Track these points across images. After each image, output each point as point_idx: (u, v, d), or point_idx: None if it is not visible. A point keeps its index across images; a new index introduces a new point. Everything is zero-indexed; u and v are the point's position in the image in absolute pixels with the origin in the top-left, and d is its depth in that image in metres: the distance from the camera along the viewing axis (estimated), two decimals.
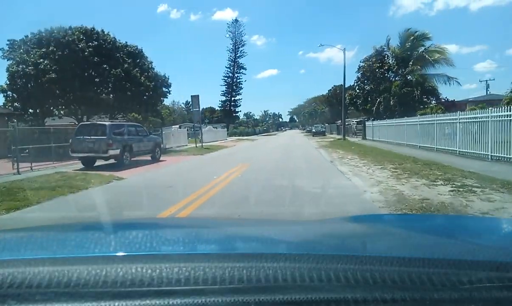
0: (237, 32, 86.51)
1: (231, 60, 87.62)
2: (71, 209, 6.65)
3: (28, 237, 1.42)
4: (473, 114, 13.00)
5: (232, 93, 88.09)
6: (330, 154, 18.10)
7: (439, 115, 16.61)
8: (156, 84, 23.94)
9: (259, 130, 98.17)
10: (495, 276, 0.80)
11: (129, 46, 23.64)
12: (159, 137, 18.52)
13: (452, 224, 1.95)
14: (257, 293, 0.74)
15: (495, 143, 11.09)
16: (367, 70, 32.72)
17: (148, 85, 22.62)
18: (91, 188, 8.76)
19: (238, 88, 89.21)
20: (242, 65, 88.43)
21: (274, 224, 2.25)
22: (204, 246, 1.32)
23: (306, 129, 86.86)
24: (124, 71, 21.47)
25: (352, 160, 14.20)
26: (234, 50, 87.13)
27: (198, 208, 6.15)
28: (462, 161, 11.80)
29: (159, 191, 8.11)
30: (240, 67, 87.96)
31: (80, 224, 2.55)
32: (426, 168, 10.20)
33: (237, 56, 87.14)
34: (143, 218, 4.69)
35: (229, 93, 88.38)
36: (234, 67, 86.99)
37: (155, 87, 23.70)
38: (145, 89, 22.55)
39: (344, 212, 5.21)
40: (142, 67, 23.49)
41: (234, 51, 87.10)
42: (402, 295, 0.74)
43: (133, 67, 22.40)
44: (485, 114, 11.92)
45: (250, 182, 9.30)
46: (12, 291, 0.74)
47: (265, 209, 5.91)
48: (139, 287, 0.75)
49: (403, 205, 5.95)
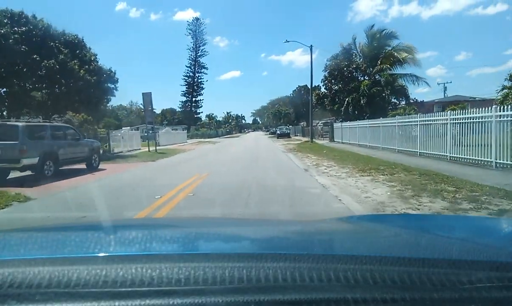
0: (198, 31, 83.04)
1: (192, 59, 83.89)
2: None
3: (28, 237, 1.41)
4: (474, 114, 10.92)
5: (193, 93, 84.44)
6: (301, 159, 16.00)
7: (424, 115, 14.61)
8: (100, 79, 20.38)
9: (222, 132, 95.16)
10: (495, 276, 0.80)
11: (66, 34, 20.09)
12: (96, 141, 15.27)
13: (452, 224, 1.96)
14: (257, 293, 0.74)
15: (503, 148, 9.33)
16: (334, 69, 30.92)
17: (88, 80, 19.06)
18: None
19: (199, 89, 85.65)
20: (204, 65, 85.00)
21: (274, 224, 2.30)
22: (204, 246, 1.32)
23: (270, 131, 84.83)
24: (59, 63, 17.89)
25: (330, 167, 12.12)
26: (195, 49, 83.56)
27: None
28: (462, 169, 9.94)
29: (67, 223, 5.36)
30: (201, 67, 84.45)
31: (80, 224, 2.60)
32: (430, 181, 8.13)
33: (198, 55, 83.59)
34: (143, 218, 4.88)
35: (190, 94, 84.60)
36: (195, 66, 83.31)
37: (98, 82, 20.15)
38: (85, 85, 18.97)
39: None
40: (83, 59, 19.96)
41: (195, 50, 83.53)
42: (402, 295, 0.75)
43: (71, 59, 18.84)
44: (488, 113, 9.88)
45: (205, 204, 6.88)
46: (12, 291, 0.75)
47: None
48: (139, 287, 0.75)
49: None
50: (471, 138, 10.84)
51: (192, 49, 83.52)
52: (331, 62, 31.82)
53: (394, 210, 5.78)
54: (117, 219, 4.16)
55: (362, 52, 30.73)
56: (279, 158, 17.59)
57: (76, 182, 10.70)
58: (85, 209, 6.50)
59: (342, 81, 30.97)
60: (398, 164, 11.67)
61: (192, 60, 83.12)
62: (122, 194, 8.45)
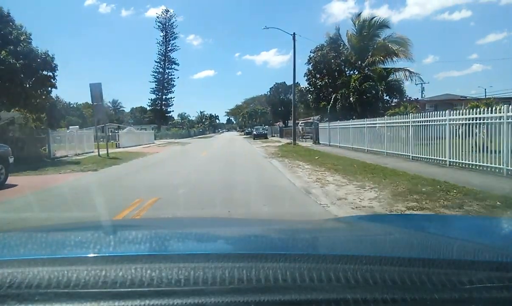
0: (168, 24, 78.86)
1: (162, 54, 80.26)
2: None
3: (28, 237, 1.45)
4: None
5: (164, 91, 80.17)
6: (291, 169, 13.36)
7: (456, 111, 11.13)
8: (31, 63, 15.57)
9: (195, 132, 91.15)
10: (495, 276, 0.82)
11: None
12: (5, 147, 10.58)
13: (452, 224, 2.06)
14: (257, 293, 0.75)
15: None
16: (319, 61, 27.77)
17: (12, 64, 14.22)
18: None
19: (170, 86, 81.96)
20: (174, 60, 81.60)
21: (274, 224, 2.34)
22: (204, 246, 1.34)
23: (245, 132, 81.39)
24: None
25: (341, 186, 8.93)
26: (165, 42, 79.59)
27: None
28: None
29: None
30: (172, 62, 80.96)
31: (79, 224, 2.56)
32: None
33: (168, 49, 79.55)
34: (143, 218, 5.07)
35: (159, 91, 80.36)
36: (165, 61, 79.23)
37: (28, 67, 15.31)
38: (7, 70, 14.09)
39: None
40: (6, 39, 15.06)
41: (165, 44, 79.64)
42: (403, 296, 0.76)
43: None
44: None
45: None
46: (12, 291, 0.76)
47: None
48: (139, 287, 0.77)
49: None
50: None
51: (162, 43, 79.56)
52: (315, 54, 28.63)
53: None
54: (117, 219, 4.25)
55: (350, 43, 28.75)
56: (262, 167, 14.97)
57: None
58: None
59: (328, 75, 28.13)
60: (434, 179, 8.90)
61: (162, 55, 79.53)
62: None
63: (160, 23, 79.73)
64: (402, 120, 15.23)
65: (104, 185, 11.12)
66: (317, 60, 29.80)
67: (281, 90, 69.31)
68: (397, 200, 6.92)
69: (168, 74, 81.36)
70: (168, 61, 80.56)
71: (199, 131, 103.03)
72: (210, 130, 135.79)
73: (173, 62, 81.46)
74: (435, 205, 6.35)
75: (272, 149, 24.92)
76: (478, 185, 7.78)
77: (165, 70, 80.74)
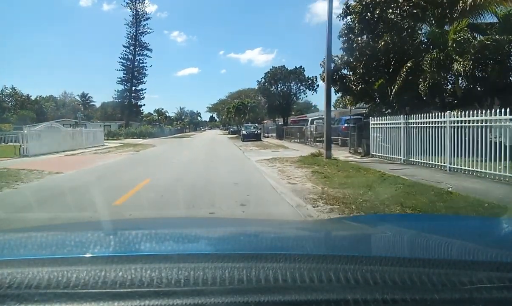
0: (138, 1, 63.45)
1: (131, 37, 65.54)
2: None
3: (28, 237, 1.45)
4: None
5: (133, 81, 65.49)
6: None
7: None
8: None
9: (170, 130, 76.19)
10: (495, 276, 0.82)
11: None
12: None
13: (452, 224, 2.04)
14: (257, 293, 0.75)
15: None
16: (367, 5, 14.48)
17: None
18: None
19: (141, 75, 67.95)
20: (147, 45, 67.28)
21: (274, 224, 2.30)
22: (204, 246, 1.35)
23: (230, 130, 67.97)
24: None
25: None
26: (135, 23, 64.77)
27: None
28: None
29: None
30: (143, 47, 67.00)
31: (79, 224, 2.51)
32: None
33: (139, 32, 64.76)
34: (143, 218, 4.77)
35: (128, 81, 65.89)
36: (135, 46, 64.37)
37: None
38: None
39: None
40: None
41: (135, 25, 64.70)
42: (403, 296, 0.76)
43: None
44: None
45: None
46: (11, 291, 0.75)
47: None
48: (138, 287, 0.76)
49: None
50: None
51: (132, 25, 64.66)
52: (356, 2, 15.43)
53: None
54: (117, 219, 4.21)
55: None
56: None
57: None
58: None
59: (387, 31, 14.51)
60: None
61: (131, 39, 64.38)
62: None
63: (129, 1, 65.54)
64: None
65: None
66: (361, 11, 16.06)
67: (280, 76, 49.93)
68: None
69: (139, 62, 67.17)
70: (139, 46, 66.32)
71: (176, 129, 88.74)
72: (191, 128, 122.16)
73: (145, 47, 66.93)
74: None
75: (288, 164, 12.94)
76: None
77: (135, 56, 66.58)
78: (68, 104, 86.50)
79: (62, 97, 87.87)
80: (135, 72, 66.24)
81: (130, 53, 65.82)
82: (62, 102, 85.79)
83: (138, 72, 66.72)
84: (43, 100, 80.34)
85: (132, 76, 66.34)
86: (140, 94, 68.54)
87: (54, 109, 77.66)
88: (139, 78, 67.28)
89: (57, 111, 76.19)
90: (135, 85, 67.14)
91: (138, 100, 68.91)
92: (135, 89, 67.28)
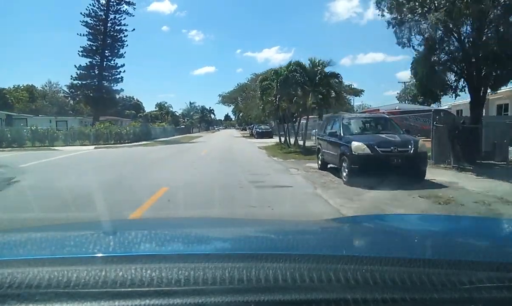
0: None
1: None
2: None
3: (28, 237, 1.42)
4: None
5: (104, 51, 40.67)
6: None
7: None
8: None
9: (165, 130, 50.72)
10: (495, 276, 0.81)
11: None
12: None
13: (452, 224, 2.00)
14: (257, 293, 0.75)
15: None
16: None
17: None
18: None
19: (116, 43, 42.17)
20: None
21: (274, 224, 2.28)
22: (204, 246, 1.33)
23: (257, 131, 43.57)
24: None
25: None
26: None
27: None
28: None
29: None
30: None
31: (79, 224, 2.53)
32: None
33: None
34: (143, 218, 4.88)
35: (95, 52, 40.58)
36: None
37: None
38: None
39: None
40: None
41: None
42: (402, 296, 0.76)
43: None
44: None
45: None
46: (12, 291, 0.75)
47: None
48: (139, 287, 0.76)
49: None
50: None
51: None
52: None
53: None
54: (117, 219, 4.10)
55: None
56: None
57: None
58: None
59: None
60: None
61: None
62: None
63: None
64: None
65: None
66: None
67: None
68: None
69: (114, 21, 42.79)
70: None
71: (176, 129, 63.47)
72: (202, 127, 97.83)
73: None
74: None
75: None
76: None
77: (108, 13, 42.24)
78: (49, 95, 73.56)
79: (46, 86, 74.68)
80: (106, 37, 41.84)
81: (99, 8, 41.58)
82: (43, 93, 72.80)
83: (112, 37, 42.26)
84: (13, 91, 62.30)
85: (103, 43, 41.86)
86: (115, 73, 43.93)
87: (29, 100, 64.28)
88: (113, 48, 42.83)
89: (34, 103, 64.17)
90: (107, 59, 42.77)
91: (112, 82, 44.38)
92: (106, 64, 42.91)
